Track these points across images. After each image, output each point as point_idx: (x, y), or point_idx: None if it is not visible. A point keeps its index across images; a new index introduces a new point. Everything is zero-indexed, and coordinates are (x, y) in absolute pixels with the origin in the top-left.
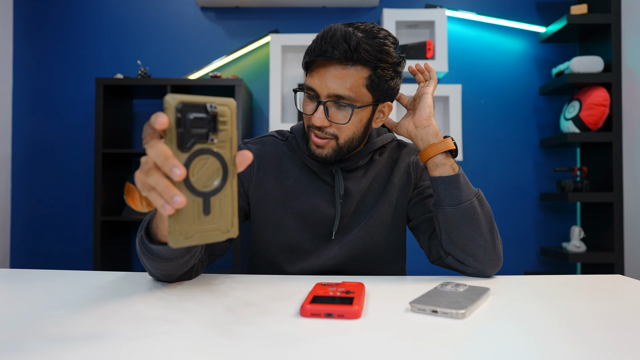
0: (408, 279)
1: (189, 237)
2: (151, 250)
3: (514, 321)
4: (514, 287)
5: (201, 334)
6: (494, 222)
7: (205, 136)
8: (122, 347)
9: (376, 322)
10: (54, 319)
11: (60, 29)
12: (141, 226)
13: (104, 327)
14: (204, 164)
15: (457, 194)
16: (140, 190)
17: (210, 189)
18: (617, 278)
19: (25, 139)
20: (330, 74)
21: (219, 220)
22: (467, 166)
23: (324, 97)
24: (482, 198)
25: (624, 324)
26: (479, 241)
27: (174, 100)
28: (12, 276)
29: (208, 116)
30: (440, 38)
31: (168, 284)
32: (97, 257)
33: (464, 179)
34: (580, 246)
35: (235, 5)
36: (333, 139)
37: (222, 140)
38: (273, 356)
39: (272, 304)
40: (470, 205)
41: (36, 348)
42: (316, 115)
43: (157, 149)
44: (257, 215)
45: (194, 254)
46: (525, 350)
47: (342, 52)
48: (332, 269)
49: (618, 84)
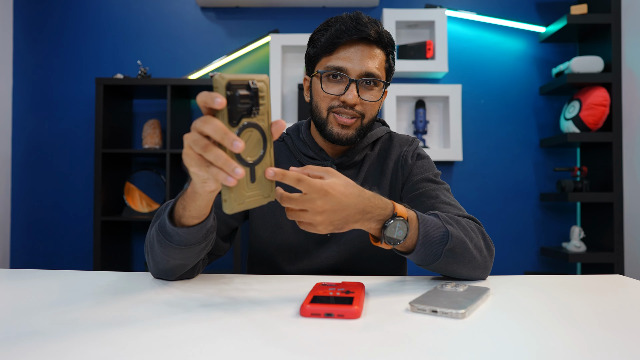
0: (408, 279)
1: (241, 203)
2: (171, 236)
3: (513, 321)
4: (514, 287)
5: (201, 333)
6: (476, 237)
7: (250, 111)
8: (122, 347)
9: (376, 322)
10: (54, 318)
11: (60, 29)
12: (158, 214)
13: (103, 327)
14: (249, 137)
15: (423, 258)
16: (194, 167)
17: (255, 159)
18: (617, 278)
19: (26, 138)
20: (362, 53)
21: (262, 186)
22: (467, 166)
23: (356, 75)
24: (454, 239)
25: (624, 324)
26: (464, 272)
27: (223, 80)
28: (12, 276)
29: (251, 92)
30: (440, 38)
31: (168, 283)
32: (97, 257)
33: (424, 241)
34: (580, 246)
35: (235, 5)
36: (359, 119)
37: (262, 113)
38: (273, 356)
39: (272, 304)
40: (442, 259)
41: (35, 346)
42: (350, 93)
43: (214, 124)
44: (255, 215)
45: (209, 242)
46: (525, 350)
47: (375, 32)
48: (330, 268)
49: (618, 84)
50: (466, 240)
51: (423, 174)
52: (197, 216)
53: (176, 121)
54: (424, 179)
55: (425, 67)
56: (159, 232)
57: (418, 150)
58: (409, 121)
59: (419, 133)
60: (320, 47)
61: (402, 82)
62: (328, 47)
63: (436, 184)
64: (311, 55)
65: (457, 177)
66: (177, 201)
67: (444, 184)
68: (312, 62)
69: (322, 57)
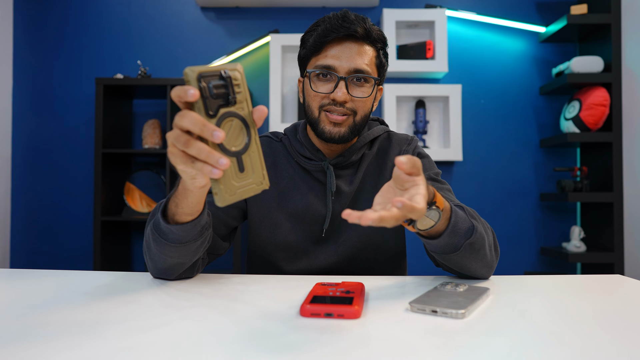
0: (408, 279)
1: (233, 194)
2: (166, 234)
3: (513, 321)
4: (514, 287)
5: (200, 333)
6: (491, 238)
7: (227, 100)
8: (121, 346)
9: (376, 322)
10: (54, 316)
11: (60, 29)
12: (153, 212)
13: (103, 326)
14: (230, 126)
15: (444, 247)
16: (180, 165)
17: (240, 148)
18: (617, 278)
19: (26, 138)
20: (350, 50)
21: (253, 175)
22: (467, 166)
23: (345, 72)
24: (477, 234)
25: (624, 324)
26: (475, 268)
27: (193, 72)
28: (12, 276)
29: (225, 82)
30: (440, 38)
31: (168, 282)
32: (97, 257)
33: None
34: (580, 246)
35: (235, 5)
36: (351, 116)
37: (240, 101)
38: (273, 356)
39: (272, 304)
40: (461, 251)
41: (35, 345)
42: (339, 90)
43: (191, 117)
44: (254, 215)
45: (205, 239)
46: (524, 349)
47: (362, 29)
48: (329, 268)
49: (618, 84)
50: (484, 237)
51: (424, 172)
52: (190, 213)
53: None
54: (426, 178)
55: (425, 67)
56: (154, 231)
57: (418, 149)
58: (409, 121)
59: (419, 133)
60: (309, 47)
61: (402, 82)
62: (316, 46)
63: (439, 183)
64: (302, 57)
65: (457, 177)
66: (170, 199)
67: (446, 184)
68: (303, 63)
69: (312, 57)
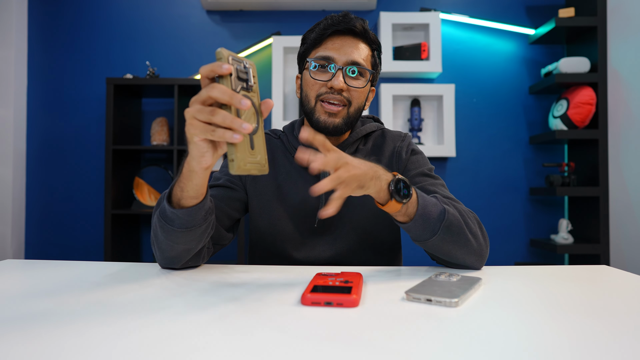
0: (403, 269)
1: (245, 166)
2: (173, 220)
3: (504, 309)
4: (505, 277)
5: (205, 322)
6: (472, 224)
7: (247, 84)
8: (128, 333)
9: (373, 310)
10: (65, 302)
11: (72, 32)
12: (158, 202)
13: (112, 313)
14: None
15: (421, 232)
16: (201, 134)
17: (254, 128)
18: (603, 268)
19: (40, 136)
20: (348, 44)
21: (259, 156)
22: (460, 162)
23: (342, 63)
24: (449, 217)
25: (610, 312)
26: (459, 255)
27: (226, 52)
28: (27, 266)
29: (246, 69)
30: (435, 40)
31: (174, 272)
32: (108, 249)
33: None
34: (567, 238)
35: (240, 8)
36: (346, 107)
37: (254, 91)
38: (275, 342)
39: (274, 293)
40: (439, 235)
41: (49, 327)
42: (337, 79)
43: (221, 88)
44: (255, 208)
45: (209, 224)
46: (515, 336)
47: (361, 26)
48: (327, 260)
49: (604, 84)
50: (462, 222)
51: (418, 168)
52: (195, 196)
53: (183, 119)
54: (419, 174)
55: (420, 68)
56: (161, 218)
57: (412, 145)
58: (405, 119)
59: (414, 130)
60: (310, 42)
61: (398, 81)
62: (317, 39)
63: (432, 178)
64: (302, 53)
65: (451, 173)
66: (174, 185)
67: (439, 179)
68: (302, 59)
69: (312, 50)
